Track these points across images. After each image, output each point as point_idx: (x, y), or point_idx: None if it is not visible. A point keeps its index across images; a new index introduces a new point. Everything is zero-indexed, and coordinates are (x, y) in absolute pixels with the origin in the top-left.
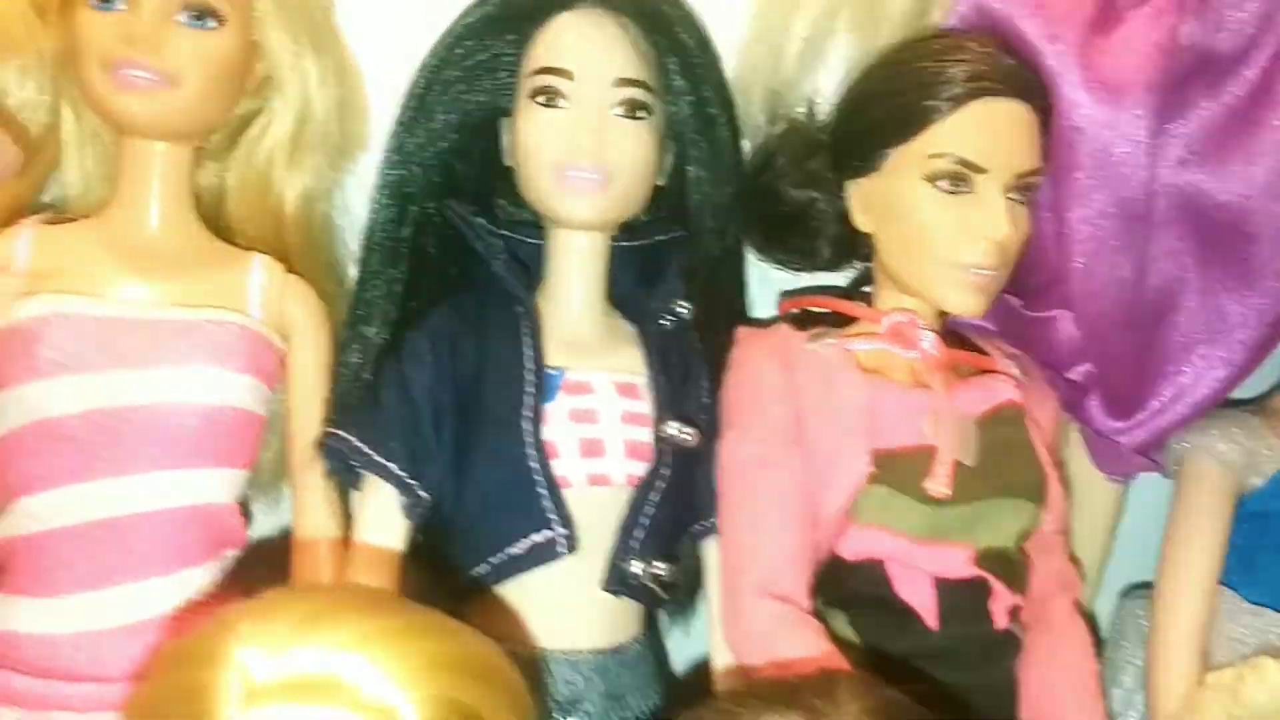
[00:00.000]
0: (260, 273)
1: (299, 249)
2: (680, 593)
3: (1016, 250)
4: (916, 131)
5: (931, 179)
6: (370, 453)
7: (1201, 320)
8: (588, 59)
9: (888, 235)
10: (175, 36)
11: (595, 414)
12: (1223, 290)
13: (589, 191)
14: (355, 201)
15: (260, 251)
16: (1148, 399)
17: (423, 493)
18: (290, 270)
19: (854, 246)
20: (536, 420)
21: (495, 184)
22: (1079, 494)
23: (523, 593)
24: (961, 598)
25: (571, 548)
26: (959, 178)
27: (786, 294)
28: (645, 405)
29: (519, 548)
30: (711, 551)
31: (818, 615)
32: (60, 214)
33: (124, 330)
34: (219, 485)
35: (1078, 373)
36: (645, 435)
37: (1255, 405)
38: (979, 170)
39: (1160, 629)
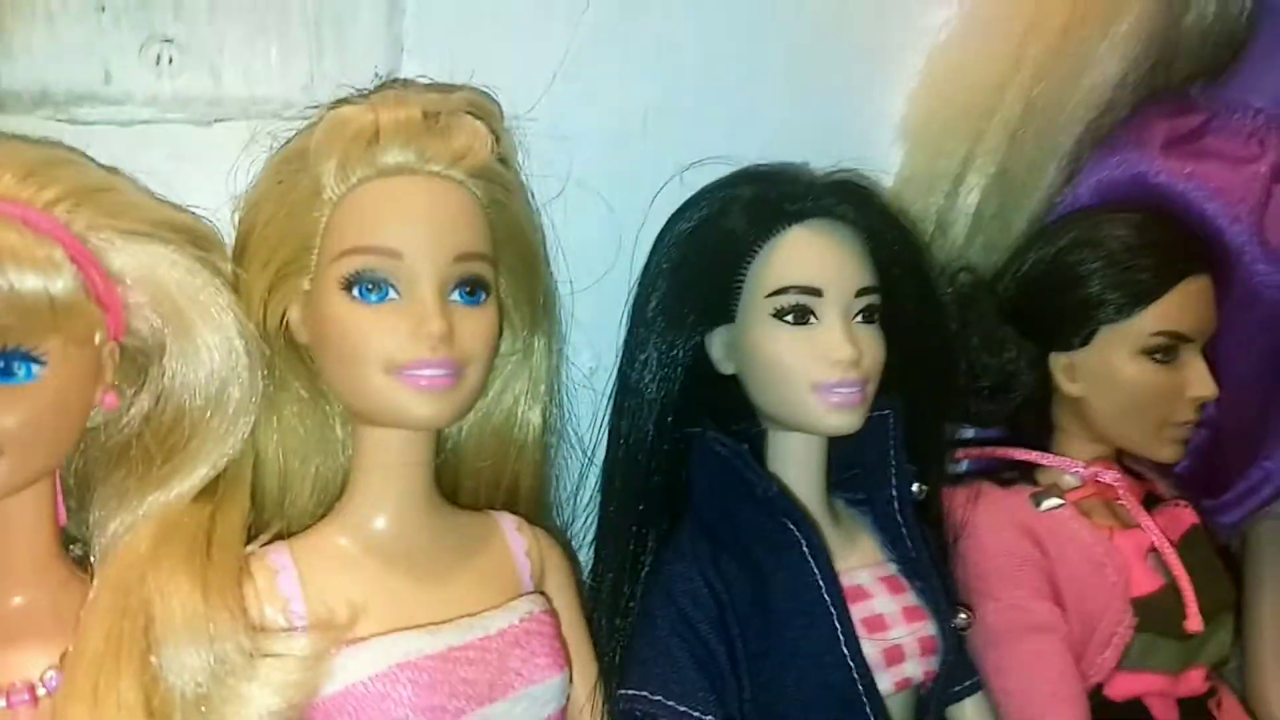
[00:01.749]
0: (518, 536)
1: (529, 490)
2: None
3: None
4: (1135, 311)
5: (1148, 353)
6: (686, 709)
7: None
8: (833, 273)
9: (1101, 401)
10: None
11: (884, 619)
12: None
13: (854, 403)
14: None
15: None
16: (1237, 481)
17: None
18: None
19: (1045, 405)
20: (855, 643)
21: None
22: None
23: None
24: (1199, 709)
25: None
26: (1170, 350)
27: (960, 444)
28: (912, 596)
29: None
30: (968, 711)
31: None
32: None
33: (465, 663)
34: None
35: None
36: (928, 628)
37: None
38: (1188, 341)
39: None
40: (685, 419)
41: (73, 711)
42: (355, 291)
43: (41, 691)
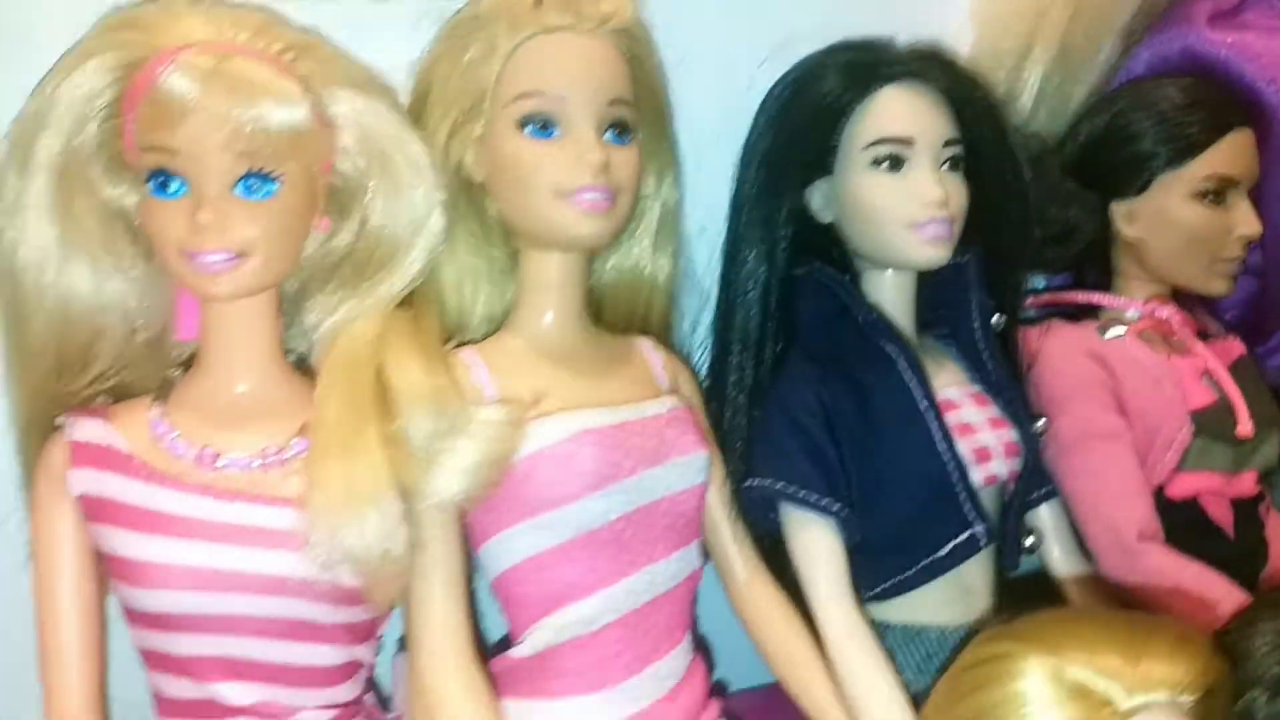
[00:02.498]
0: (654, 353)
1: (659, 322)
2: None
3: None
4: (1189, 159)
5: (1200, 195)
6: (804, 494)
7: None
8: (923, 125)
9: (1159, 241)
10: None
11: (972, 426)
12: None
13: (944, 238)
14: None
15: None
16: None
17: (851, 522)
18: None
19: (1104, 252)
20: (949, 441)
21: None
22: None
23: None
24: (1249, 511)
25: (990, 540)
26: (1221, 193)
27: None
28: (995, 409)
29: (944, 551)
30: (1044, 514)
31: None
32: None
33: (636, 433)
34: (698, 554)
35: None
36: (1010, 434)
37: None
38: (1235, 184)
39: None
40: (791, 263)
41: (328, 465)
42: (527, 130)
43: (289, 454)
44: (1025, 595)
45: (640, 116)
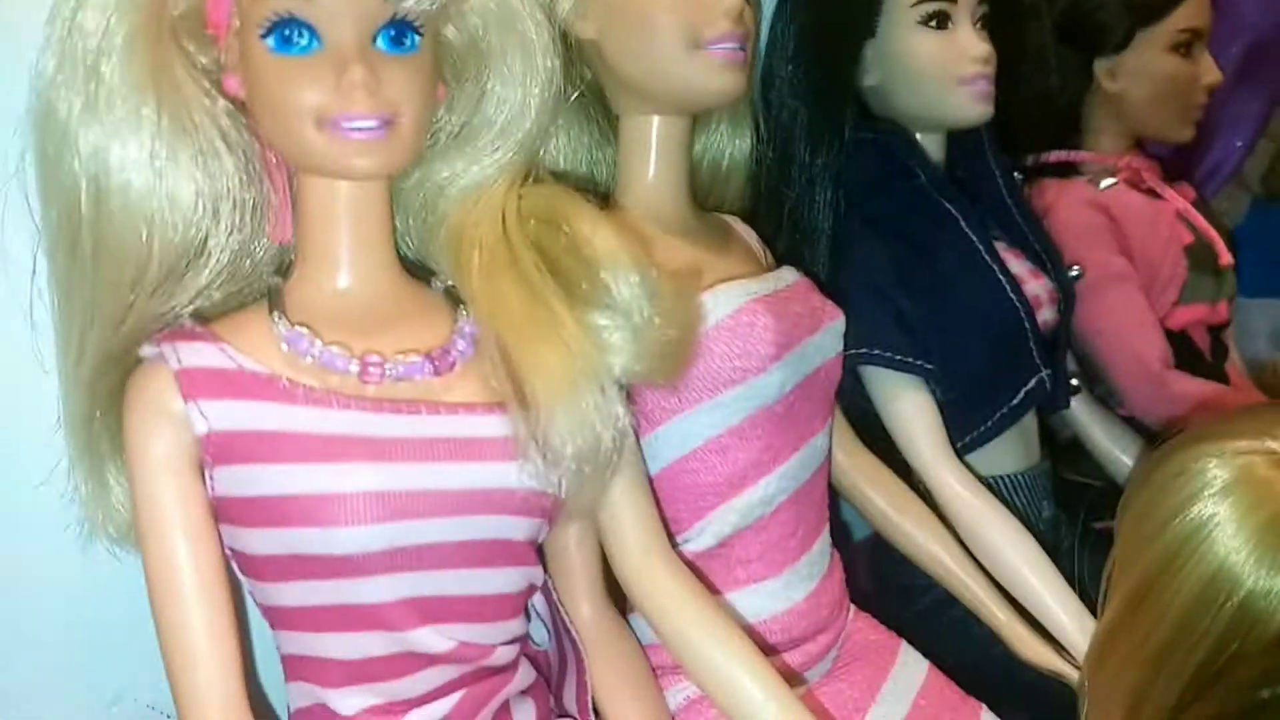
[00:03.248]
0: (747, 229)
1: (735, 201)
2: None
3: None
4: (1165, 14)
5: (1176, 47)
6: (900, 357)
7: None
8: None
9: (1140, 92)
10: None
11: (1020, 277)
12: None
13: (990, 94)
14: None
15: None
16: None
17: (938, 379)
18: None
19: (1076, 113)
20: (1017, 288)
21: None
22: None
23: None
24: (1219, 335)
25: (1053, 385)
26: (1189, 45)
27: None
28: (1029, 260)
29: (1019, 398)
30: None
31: None
32: None
33: (790, 300)
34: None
35: None
36: (1049, 283)
37: None
38: (1201, 37)
39: None
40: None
41: (538, 352)
42: None
43: (454, 356)
44: None
45: None
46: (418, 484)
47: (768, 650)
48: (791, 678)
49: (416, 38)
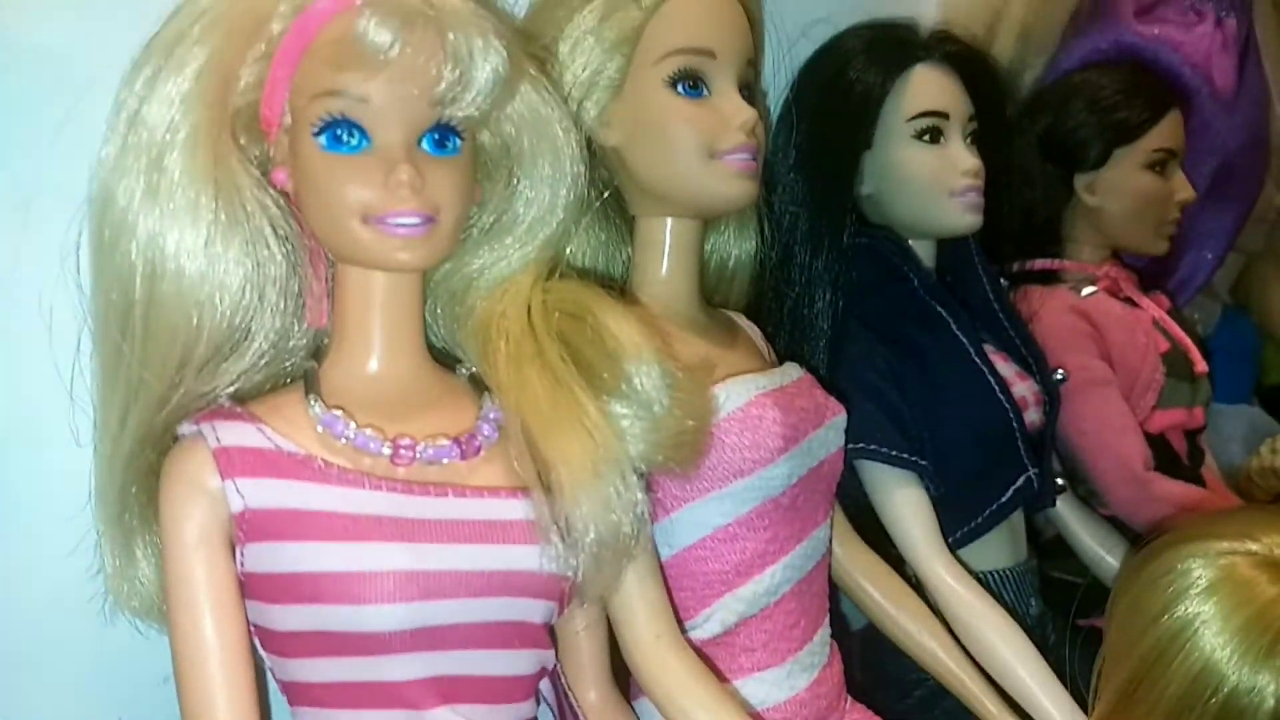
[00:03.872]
0: (751, 326)
1: (739, 300)
2: None
3: None
4: (1141, 135)
5: (1151, 166)
6: (895, 452)
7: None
8: (955, 101)
9: (1116, 207)
10: None
11: (1008, 379)
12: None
13: (979, 205)
14: None
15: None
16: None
17: (932, 475)
18: None
19: (1057, 224)
20: (1006, 390)
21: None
22: None
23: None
24: (1195, 440)
25: (1040, 483)
26: (1164, 164)
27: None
28: (1016, 364)
29: (1006, 496)
30: None
31: None
32: None
33: (795, 395)
34: None
35: None
36: (1035, 385)
37: None
38: (1175, 156)
39: None
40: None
41: (564, 440)
42: (679, 88)
43: (479, 441)
44: None
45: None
46: (445, 564)
47: None
48: None
49: (459, 141)
